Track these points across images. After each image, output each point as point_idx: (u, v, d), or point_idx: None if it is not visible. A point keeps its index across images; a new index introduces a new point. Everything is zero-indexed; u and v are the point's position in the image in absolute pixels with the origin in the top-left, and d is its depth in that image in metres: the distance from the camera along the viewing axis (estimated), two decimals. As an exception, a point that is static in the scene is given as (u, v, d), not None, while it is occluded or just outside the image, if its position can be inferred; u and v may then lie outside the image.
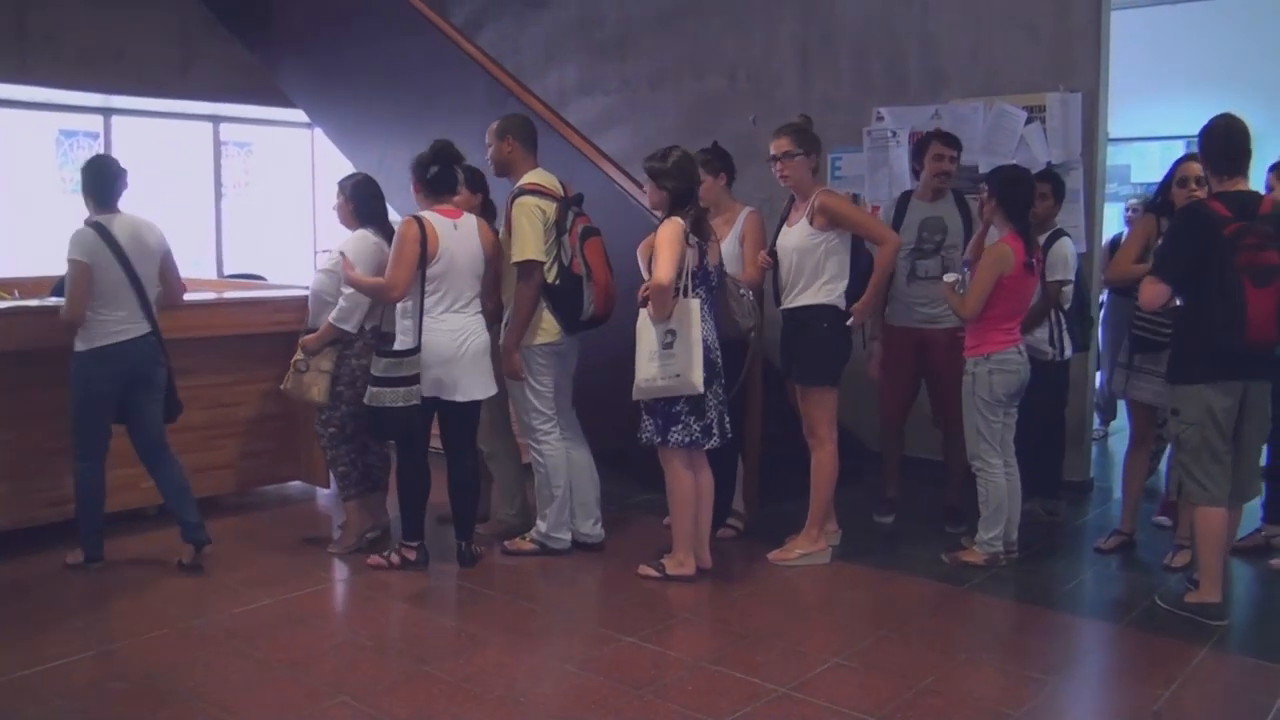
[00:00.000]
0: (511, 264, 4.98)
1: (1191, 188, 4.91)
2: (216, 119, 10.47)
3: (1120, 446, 6.20)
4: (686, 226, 4.67)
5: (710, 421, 4.75)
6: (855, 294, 4.98)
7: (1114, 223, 7.63)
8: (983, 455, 5.00)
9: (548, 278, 4.98)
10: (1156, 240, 4.99)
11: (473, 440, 5.18)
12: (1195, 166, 4.96)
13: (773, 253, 5.12)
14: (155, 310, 4.94)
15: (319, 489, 6.32)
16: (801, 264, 4.98)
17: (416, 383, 4.80)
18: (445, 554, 5.13)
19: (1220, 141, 4.37)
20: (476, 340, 4.93)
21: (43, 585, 4.82)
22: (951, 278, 5.12)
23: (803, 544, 5.13)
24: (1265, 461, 5.26)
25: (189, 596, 4.71)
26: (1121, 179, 9.72)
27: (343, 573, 5.13)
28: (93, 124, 9.72)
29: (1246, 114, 4.40)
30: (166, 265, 5.03)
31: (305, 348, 5.18)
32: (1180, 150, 6.78)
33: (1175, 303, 4.45)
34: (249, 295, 6.66)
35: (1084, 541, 5.56)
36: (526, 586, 4.94)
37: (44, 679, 3.87)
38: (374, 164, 7.12)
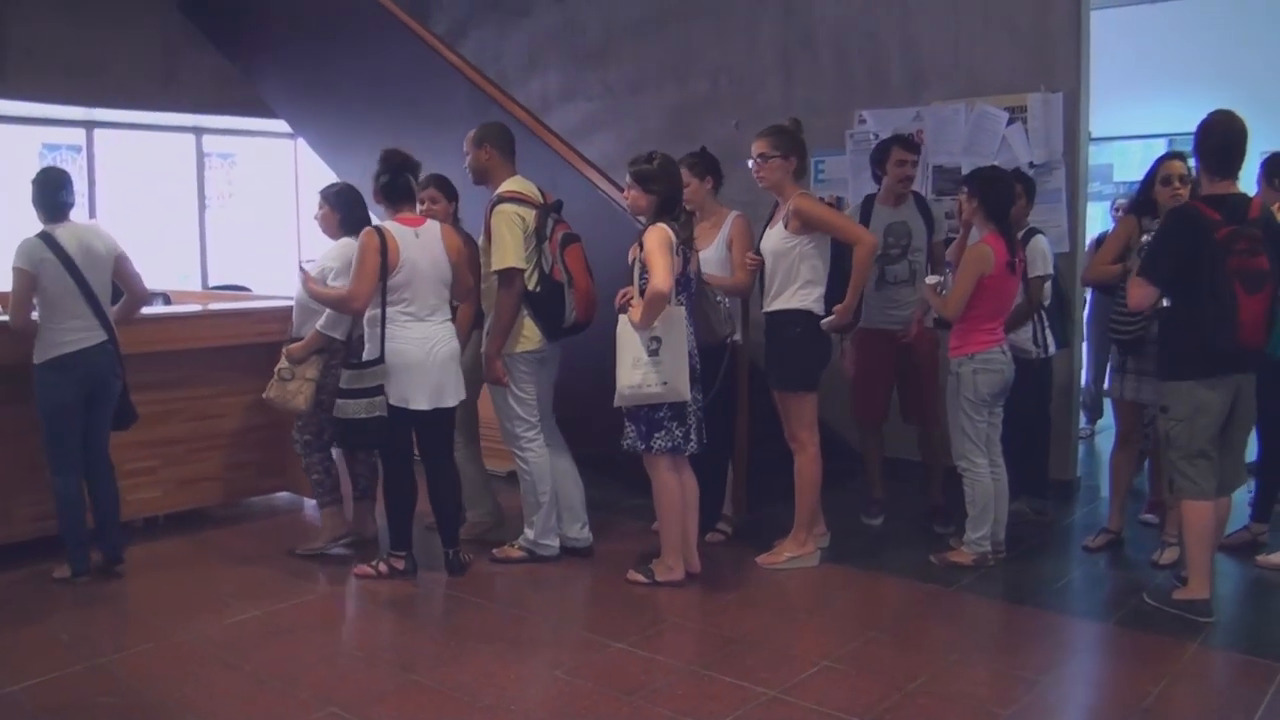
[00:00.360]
0: (492, 272, 4.97)
1: (1175, 186, 4.91)
2: (199, 130, 10.45)
3: (1107, 445, 6.21)
4: (673, 233, 4.66)
5: (690, 427, 4.75)
6: (838, 297, 4.97)
7: (1096, 222, 7.65)
8: (968, 455, 5.01)
9: (529, 285, 4.97)
10: (1138, 240, 5.01)
11: (449, 447, 5.18)
12: (1178, 165, 4.98)
13: (760, 253, 5.12)
14: (113, 319, 4.94)
15: (306, 500, 6.28)
16: (776, 267, 4.98)
17: (380, 394, 4.80)
18: (434, 562, 5.12)
19: (1219, 140, 4.35)
20: (444, 348, 4.91)
21: (28, 600, 4.79)
22: (933, 280, 5.14)
23: (791, 547, 5.13)
24: (1256, 457, 5.30)
25: (176, 610, 4.69)
26: (1104, 178, 9.76)
27: (331, 583, 5.11)
28: (76, 137, 9.70)
29: (1228, 112, 4.43)
30: (123, 269, 5.02)
31: (290, 356, 5.17)
32: (1162, 148, 6.81)
33: (1163, 303, 4.45)
34: (234, 307, 6.64)
35: (1072, 540, 5.58)
36: (515, 594, 4.93)
37: (31, 695, 3.84)
38: (357, 173, 7.06)
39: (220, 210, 10.86)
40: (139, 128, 9.96)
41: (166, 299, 7.15)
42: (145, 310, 5.37)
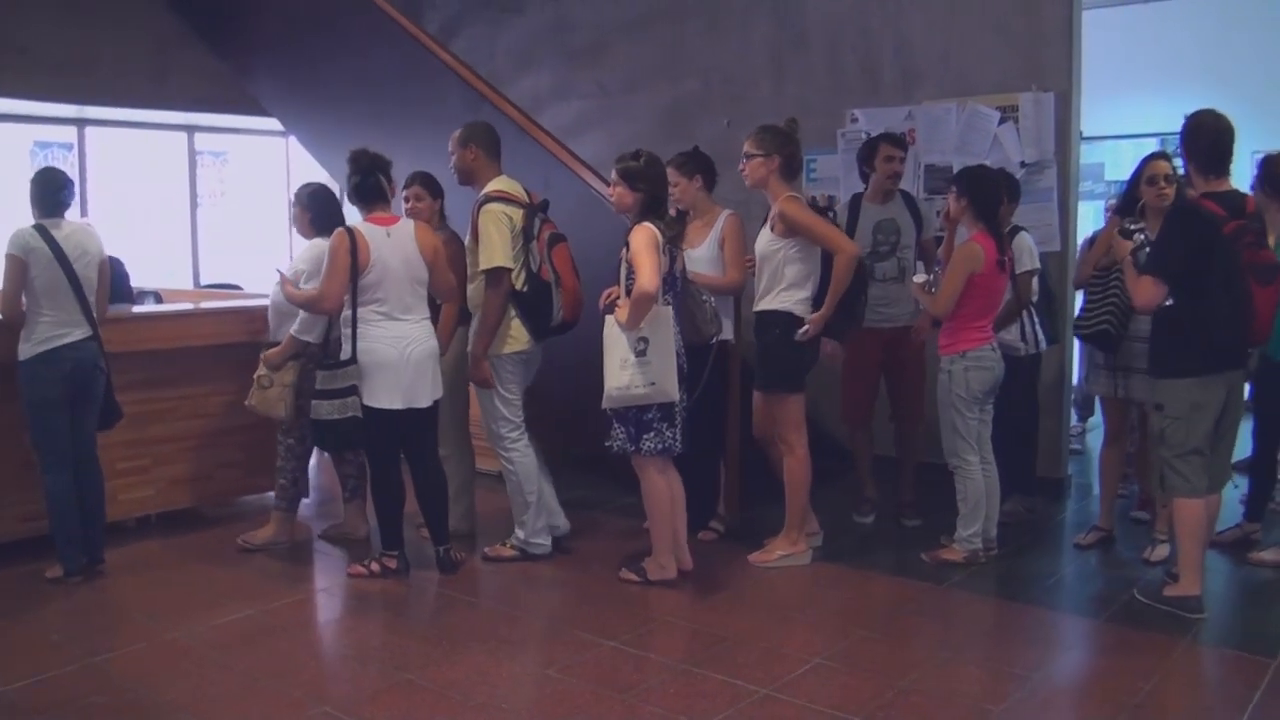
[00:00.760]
0: (479, 271, 4.96)
1: (1161, 185, 4.91)
2: (191, 129, 10.43)
3: (1097, 443, 6.23)
4: (660, 232, 4.65)
5: (678, 427, 4.75)
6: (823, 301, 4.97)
7: (1087, 221, 7.67)
8: (960, 453, 5.03)
9: (516, 285, 4.97)
10: (1118, 240, 5.01)
11: (432, 446, 5.17)
12: (1163, 164, 4.98)
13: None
14: (97, 316, 4.93)
15: (303, 499, 6.27)
16: (763, 269, 4.99)
17: (353, 394, 4.80)
18: (426, 562, 5.12)
19: (1210, 139, 4.37)
20: (420, 347, 4.89)
21: (20, 600, 4.78)
22: (921, 278, 5.15)
23: (783, 545, 5.14)
24: (1249, 454, 5.32)
25: (169, 609, 4.68)
26: (1095, 177, 9.78)
27: (323, 582, 5.12)
28: (67, 135, 9.68)
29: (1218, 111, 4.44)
30: (103, 271, 5.03)
31: (268, 362, 5.17)
32: (1154, 147, 6.82)
33: (1167, 302, 4.43)
34: (226, 305, 6.62)
35: (1063, 537, 5.60)
36: (507, 593, 4.94)
37: (24, 695, 3.84)
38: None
39: (212, 208, 10.84)
40: (131, 125, 9.94)
41: (158, 297, 7.13)
42: (137, 309, 5.36)
